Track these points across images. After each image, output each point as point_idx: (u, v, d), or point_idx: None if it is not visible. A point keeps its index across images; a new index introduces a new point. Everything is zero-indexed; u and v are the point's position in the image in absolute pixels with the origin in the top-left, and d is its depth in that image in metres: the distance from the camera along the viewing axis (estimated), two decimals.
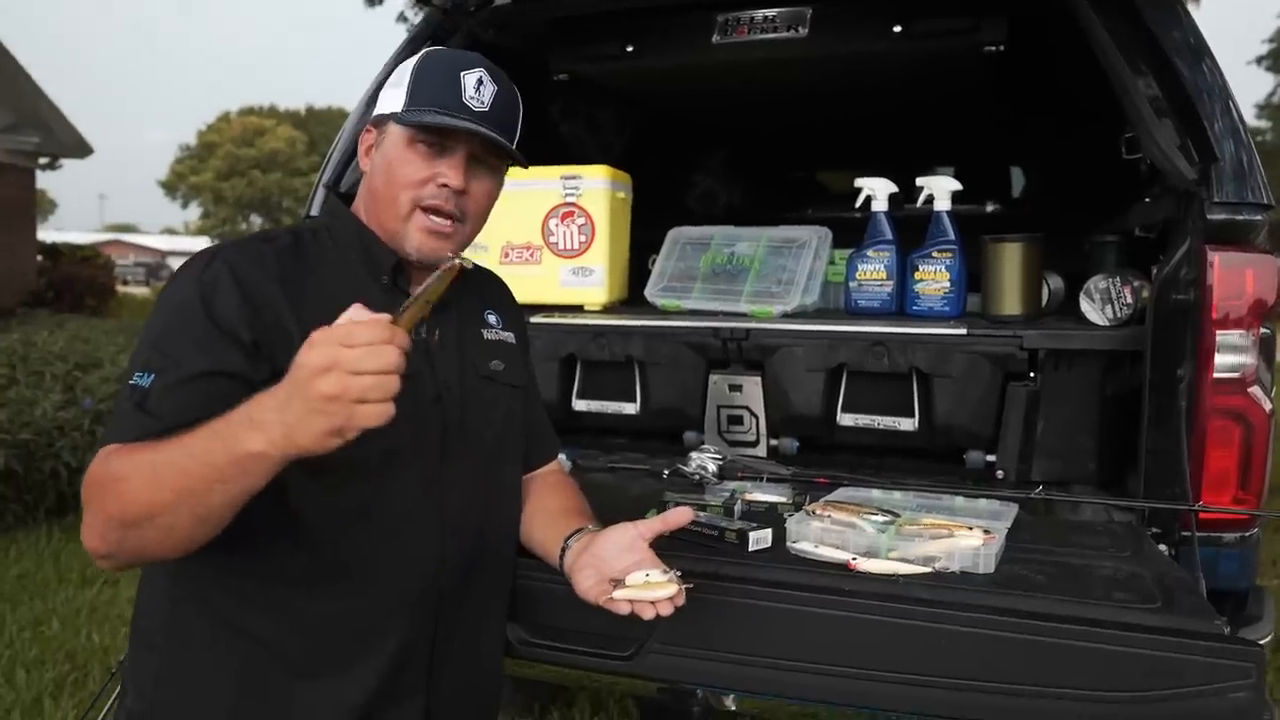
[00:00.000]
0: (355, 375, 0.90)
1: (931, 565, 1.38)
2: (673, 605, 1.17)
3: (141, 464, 0.99)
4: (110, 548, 1.03)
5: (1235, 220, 1.64)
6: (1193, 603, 1.30)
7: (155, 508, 0.98)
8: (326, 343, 0.91)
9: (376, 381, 0.90)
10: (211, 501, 0.98)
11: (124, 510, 1.00)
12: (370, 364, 0.90)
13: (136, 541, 1.02)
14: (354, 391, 0.90)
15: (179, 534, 1.01)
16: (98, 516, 1.03)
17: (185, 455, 0.97)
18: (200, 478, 0.96)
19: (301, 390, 0.91)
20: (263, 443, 0.93)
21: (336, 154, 2.26)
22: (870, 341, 2.08)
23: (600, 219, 2.35)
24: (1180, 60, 1.72)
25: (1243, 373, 1.65)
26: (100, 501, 1.02)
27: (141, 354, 1.11)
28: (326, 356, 0.90)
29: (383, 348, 0.91)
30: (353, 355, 0.90)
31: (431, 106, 1.23)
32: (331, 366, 0.90)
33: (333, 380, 0.89)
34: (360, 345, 0.90)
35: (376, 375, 0.90)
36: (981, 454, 2.08)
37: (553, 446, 1.57)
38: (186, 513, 0.98)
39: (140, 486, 0.99)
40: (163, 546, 1.02)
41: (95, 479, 1.04)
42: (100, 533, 1.03)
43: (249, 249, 1.21)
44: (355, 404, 0.90)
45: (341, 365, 0.89)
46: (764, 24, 2.31)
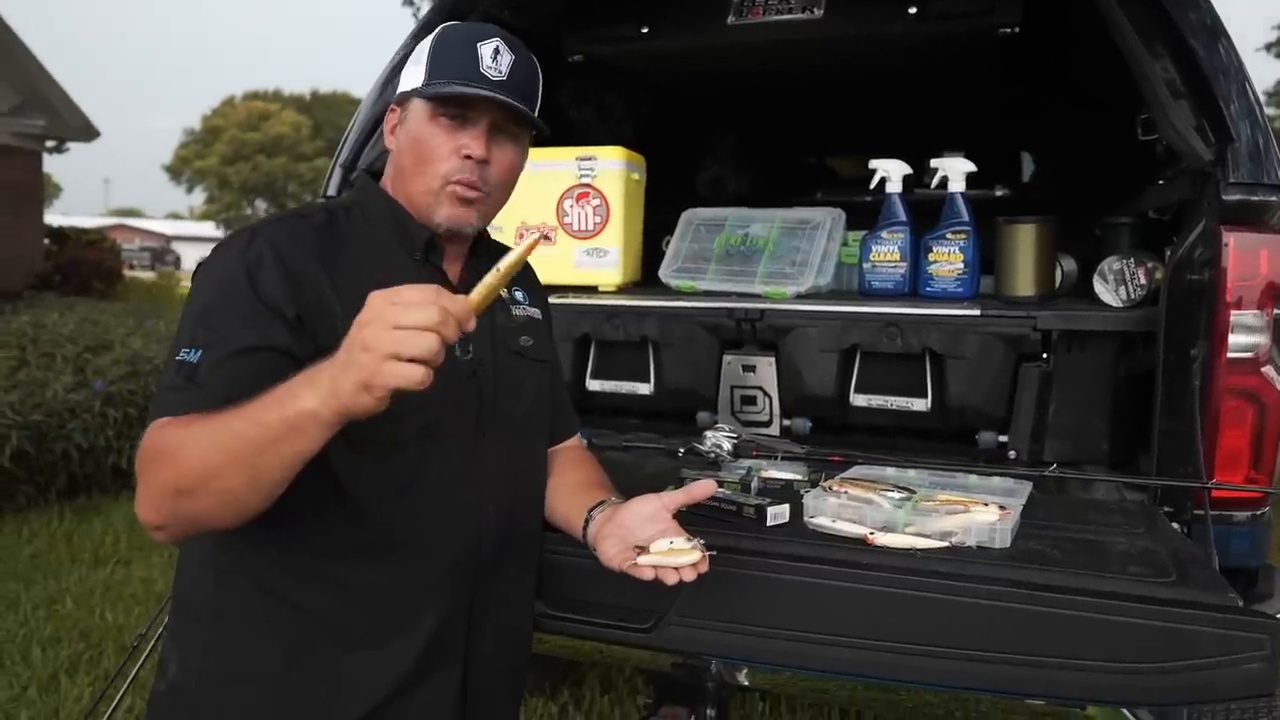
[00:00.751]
0: (393, 330, 0.90)
1: (948, 540, 1.39)
2: (696, 572, 1.18)
3: (196, 433, 1.01)
4: (164, 518, 1.04)
5: (1250, 201, 1.65)
6: (1207, 576, 1.31)
7: (209, 472, 0.99)
8: (376, 300, 0.93)
9: (409, 337, 0.90)
10: (266, 464, 0.98)
11: (179, 477, 1.01)
12: (407, 320, 0.90)
13: (190, 510, 1.03)
14: (385, 345, 0.90)
15: (233, 500, 1.02)
16: (150, 487, 1.04)
17: (240, 420, 0.98)
18: (255, 439, 0.97)
19: (349, 344, 0.93)
20: (314, 400, 0.94)
21: (353, 135, 2.27)
22: (884, 322, 2.09)
23: (615, 200, 2.36)
24: (1197, 41, 1.72)
25: (1256, 353, 1.66)
26: (153, 472, 1.03)
27: (187, 330, 1.13)
28: (374, 311, 0.92)
29: (425, 306, 0.91)
30: (392, 311, 0.91)
31: (450, 79, 1.24)
32: (372, 320, 0.91)
33: (369, 332, 0.91)
34: (403, 302, 0.91)
35: (411, 331, 0.90)
36: (994, 434, 2.10)
37: (574, 421, 1.60)
38: (241, 476, 0.99)
39: (195, 453, 1.00)
40: (217, 515, 1.03)
41: (147, 451, 1.05)
42: (155, 504, 1.04)
43: (289, 226, 1.23)
44: (386, 359, 0.90)
45: (380, 319, 0.91)
46: (779, 5, 2.32)
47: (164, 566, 4.13)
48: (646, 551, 1.20)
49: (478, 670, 1.31)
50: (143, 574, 4.06)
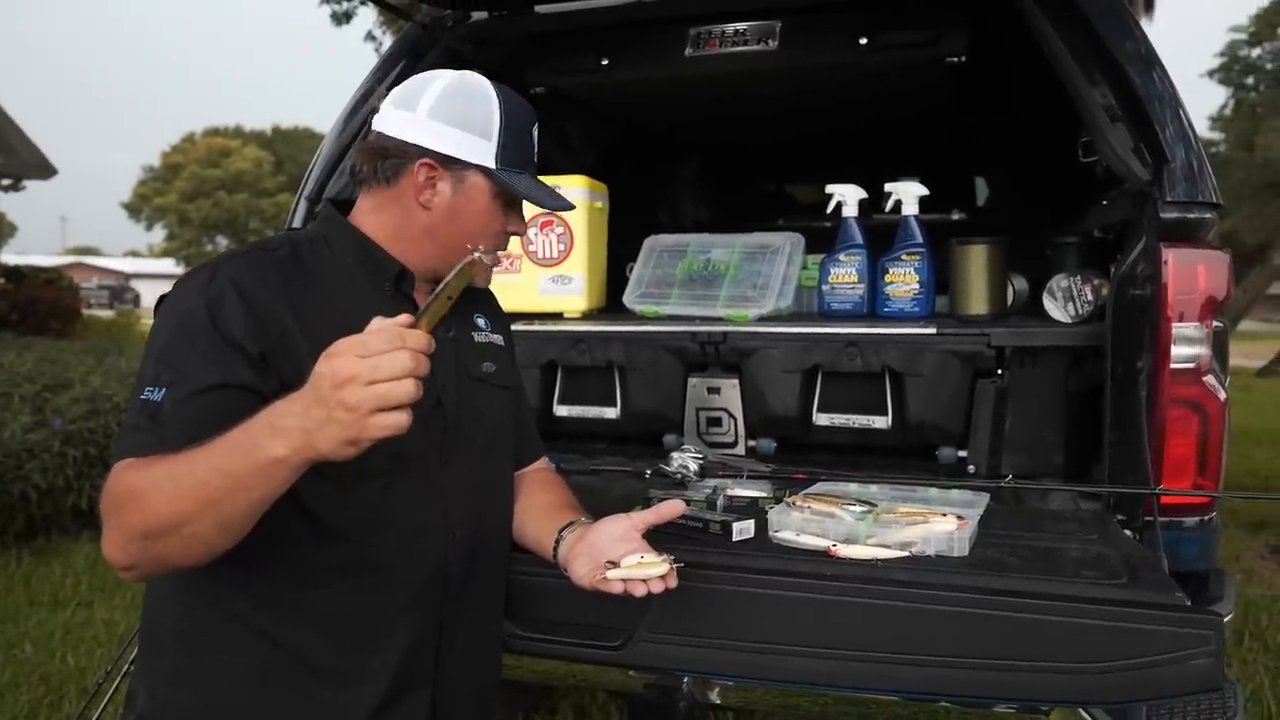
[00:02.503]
0: (369, 386, 0.92)
1: (909, 550, 1.43)
2: (664, 584, 1.21)
3: (161, 477, 1.02)
4: (133, 559, 1.05)
5: (1187, 218, 1.72)
6: (1156, 578, 1.36)
7: (178, 518, 1.00)
8: (344, 354, 0.93)
9: (389, 389, 0.92)
10: (234, 509, 1.00)
11: (146, 523, 1.02)
12: (383, 373, 0.92)
13: (160, 552, 1.04)
14: (368, 402, 0.92)
15: (202, 543, 1.03)
16: (119, 530, 1.05)
17: (205, 466, 0.99)
18: (222, 487, 0.98)
19: (320, 400, 0.93)
20: (284, 449, 0.95)
21: (318, 168, 2.29)
22: (844, 342, 2.14)
23: (579, 228, 2.41)
24: (1132, 68, 1.81)
25: (1198, 363, 1.73)
26: (121, 515, 1.04)
27: (150, 368, 1.14)
28: (343, 367, 0.93)
29: (395, 354, 0.93)
30: (367, 365, 0.92)
31: (518, 168, 1.33)
32: (348, 379, 0.92)
33: (348, 392, 0.92)
34: (373, 354, 0.93)
35: (390, 383, 0.92)
36: (953, 449, 2.15)
37: (539, 445, 1.62)
38: (210, 521, 1.01)
39: (162, 499, 1.01)
40: (186, 555, 1.04)
41: (113, 493, 1.06)
42: (122, 545, 1.05)
43: (251, 260, 1.24)
44: (371, 414, 0.92)
45: (357, 377, 0.92)
46: (735, 37, 2.39)
47: (126, 608, 4.05)
48: (616, 566, 1.22)
49: (447, 692, 1.32)
50: (105, 616, 3.98)
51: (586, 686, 2.81)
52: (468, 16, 2.43)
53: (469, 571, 1.34)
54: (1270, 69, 21.38)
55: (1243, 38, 21.17)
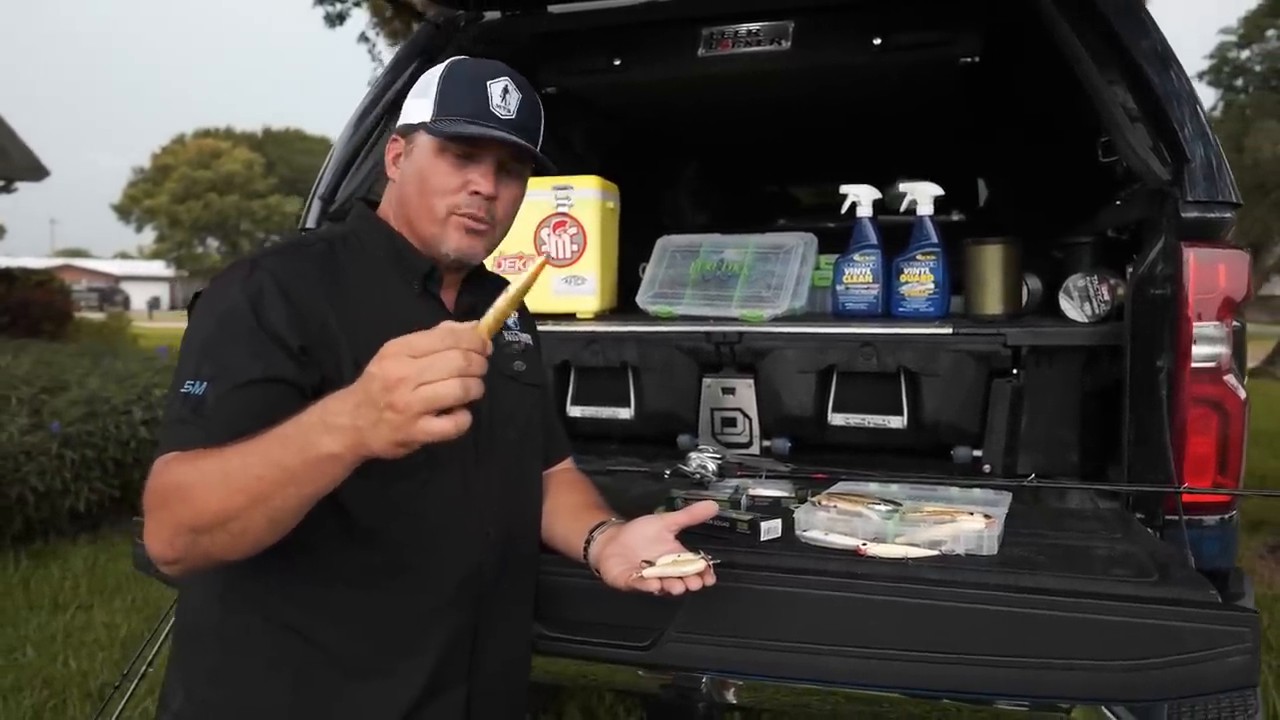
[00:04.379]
0: (420, 388, 0.91)
1: (938, 549, 1.43)
2: (702, 581, 1.21)
3: (209, 471, 1.01)
4: (179, 553, 1.05)
5: (1207, 218, 1.73)
6: (1187, 575, 1.37)
7: (228, 513, 1.00)
8: (395, 354, 0.92)
9: (436, 391, 0.91)
10: (285, 504, 1.00)
11: (196, 517, 1.01)
12: (433, 374, 0.91)
13: (207, 546, 1.03)
14: (416, 405, 0.91)
15: (250, 537, 1.02)
16: (165, 524, 1.04)
17: (256, 460, 0.98)
18: (273, 481, 0.98)
19: (371, 400, 0.93)
20: (337, 445, 0.95)
21: (331, 167, 2.29)
22: (860, 342, 2.14)
23: (592, 228, 2.40)
24: (1150, 67, 1.81)
25: (1218, 362, 1.73)
26: (168, 509, 1.04)
27: (190, 363, 1.13)
28: (394, 369, 0.92)
29: (446, 355, 0.91)
30: (416, 367, 0.91)
31: (460, 115, 1.26)
32: (398, 381, 0.91)
33: (397, 394, 0.91)
34: (423, 354, 0.91)
35: (438, 384, 0.91)
36: (968, 449, 2.15)
37: (566, 444, 1.62)
38: (260, 516, 1.00)
39: (211, 493, 1.00)
40: (233, 549, 1.04)
41: (160, 487, 1.05)
42: (168, 539, 1.04)
43: (288, 256, 1.24)
44: (419, 416, 0.91)
45: (406, 380, 0.91)
46: (748, 38, 2.39)
47: (127, 611, 4.04)
48: (652, 565, 1.22)
49: (481, 692, 1.32)
50: (105, 619, 3.96)
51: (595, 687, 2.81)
52: (480, 16, 2.43)
53: (501, 571, 1.34)
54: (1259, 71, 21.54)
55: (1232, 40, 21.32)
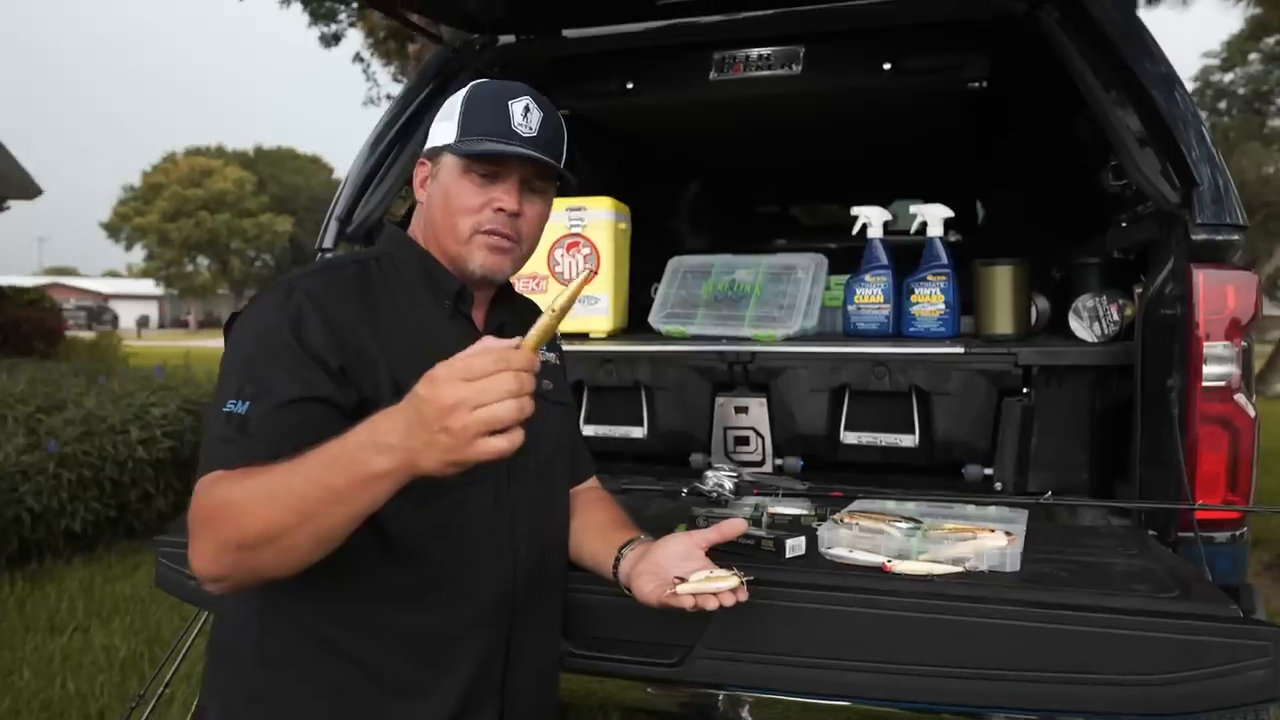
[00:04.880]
0: (474, 411, 0.92)
1: (962, 565, 1.45)
2: (735, 597, 1.23)
3: (256, 489, 1.02)
4: (225, 570, 1.06)
5: (1216, 240, 1.77)
6: (1207, 590, 1.39)
7: (276, 530, 1.01)
8: (447, 378, 0.94)
9: (494, 413, 0.92)
10: (333, 521, 1.01)
11: (243, 534, 1.03)
12: (489, 396, 0.92)
13: (253, 563, 1.05)
14: (474, 428, 0.92)
15: (297, 554, 1.04)
16: (211, 542, 1.05)
17: (304, 480, 1.00)
18: (321, 500, 0.99)
19: (425, 423, 0.94)
20: (388, 464, 0.97)
21: (347, 189, 2.31)
22: (872, 362, 2.17)
23: (605, 249, 2.43)
24: (1157, 91, 1.86)
25: (1228, 381, 1.76)
26: (214, 527, 1.05)
27: (232, 382, 1.15)
28: (448, 393, 0.93)
29: (500, 377, 0.93)
30: (473, 390, 0.92)
31: (483, 135, 1.29)
32: (454, 405, 0.92)
33: (453, 418, 0.92)
34: (477, 378, 0.93)
35: (495, 405, 0.92)
36: (979, 467, 2.18)
37: (591, 463, 1.64)
38: (307, 534, 1.01)
39: (258, 510, 1.02)
40: (279, 567, 1.05)
41: (205, 505, 1.07)
42: (214, 557, 1.05)
43: (325, 278, 1.26)
44: (475, 438, 0.93)
45: (463, 403, 0.92)
46: (759, 62, 2.43)
47: (125, 633, 4.00)
48: (685, 582, 1.24)
49: (514, 708, 1.33)
50: (104, 641, 3.93)
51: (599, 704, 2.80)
52: (495, 40, 2.47)
53: (532, 588, 1.35)
54: (1243, 94, 21.84)
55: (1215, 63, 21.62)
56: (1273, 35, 18.18)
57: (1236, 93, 21.98)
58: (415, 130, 2.30)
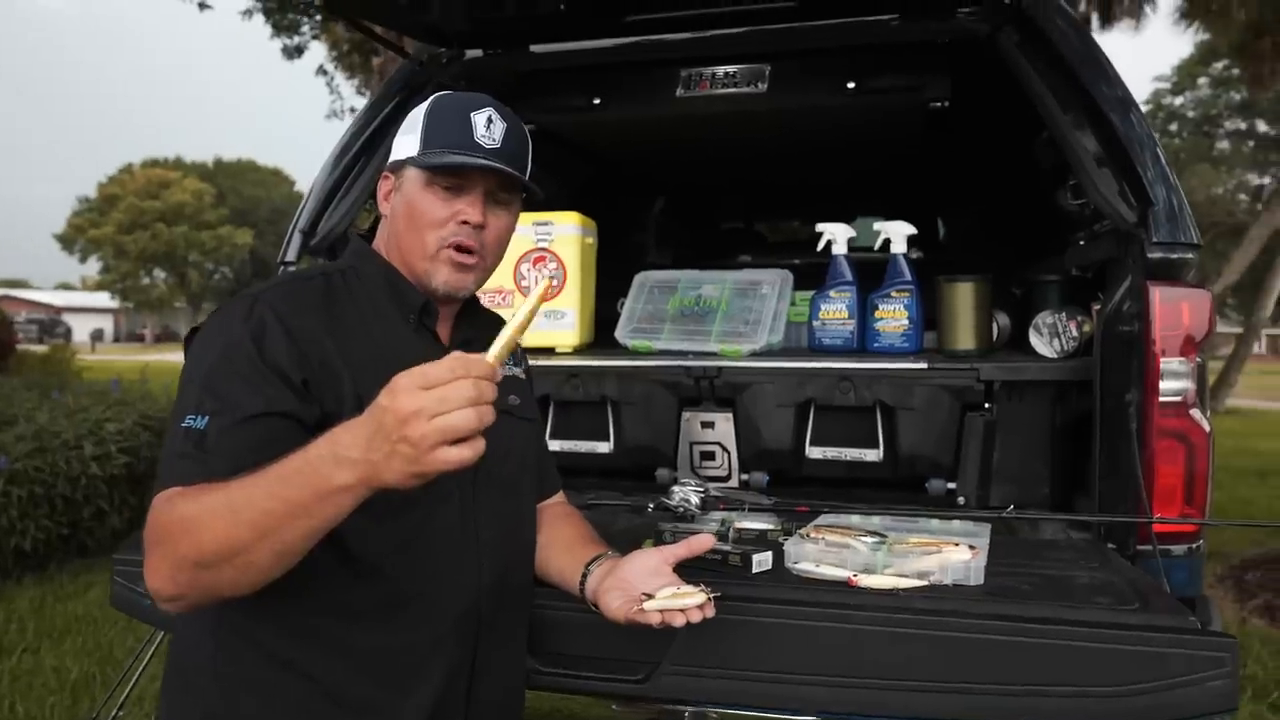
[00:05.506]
0: (432, 420, 0.91)
1: (927, 579, 1.46)
2: (702, 614, 1.22)
3: (214, 505, 1.01)
4: (181, 589, 1.04)
5: (1171, 258, 1.81)
6: (1166, 602, 1.41)
7: (234, 547, 0.99)
8: (407, 388, 0.93)
9: (452, 422, 0.91)
10: (294, 536, 1.00)
11: (201, 551, 1.01)
12: (447, 404, 0.92)
13: (211, 581, 1.03)
14: (432, 437, 0.92)
15: (256, 570, 1.02)
16: (167, 559, 1.03)
17: (263, 494, 0.98)
18: (281, 515, 0.98)
19: (384, 434, 0.93)
20: (350, 477, 0.95)
21: (311, 202, 2.29)
22: (838, 376, 2.19)
23: (572, 264, 2.42)
24: (1114, 113, 1.90)
25: (1184, 396, 1.80)
26: (170, 544, 1.03)
27: (192, 396, 1.13)
28: (407, 402, 0.92)
29: (458, 385, 0.92)
30: (431, 399, 0.91)
31: (445, 148, 1.28)
32: (412, 414, 0.91)
33: (412, 427, 0.92)
34: (436, 385, 0.92)
35: (454, 413, 0.92)
36: (943, 481, 2.20)
37: (557, 478, 1.62)
38: (266, 549, 1.00)
39: (216, 527, 1.00)
40: (237, 584, 1.03)
41: (161, 522, 1.04)
42: (170, 575, 1.03)
43: (288, 290, 1.25)
44: (435, 447, 0.92)
45: (421, 411, 0.91)
46: (725, 79, 2.45)
47: (77, 654, 3.91)
48: (652, 598, 1.23)
49: None
50: (54, 662, 3.83)
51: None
52: (462, 54, 2.46)
53: (498, 605, 1.33)
54: (1192, 117, 22.46)
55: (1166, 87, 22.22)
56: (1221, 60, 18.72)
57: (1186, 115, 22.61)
58: (380, 144, 2.29)
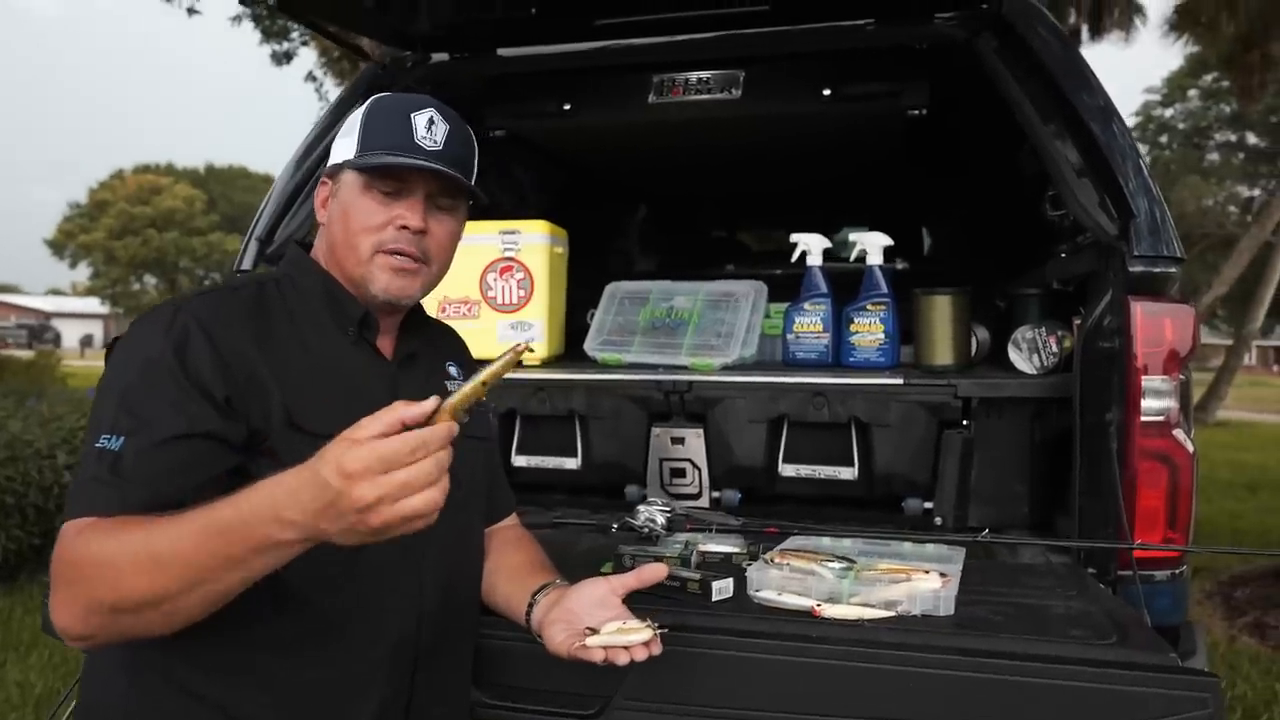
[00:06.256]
0: (399, 503, 0.87)
1: (894, 609, 1.39)
2: (648, 651, 1.15)
3: (134, 549, 0.94)
4: (92, 631, 0.97)
5: (1153, 272, 1.74)
6: (1146, 637, 1.34)
7: (158, 596, 0.93)
8: (364, 475, 0.86)
9: (416, 506, 0.87)
10: (227, 586, 0.94)
11: (119, 598, 0.94)
12: (410, 488, 0.87)
13: (127, 625, 0.96)
14: (395, 521, 0.88)
15: (181, 616, 0.96)
16: (79, 601, 0.96)
17: (191, 546, 0.92)
18: (212, 568, 0.92)
19: (340, 514, 0.87)
20: (293, 535, 0.90)
21: (269, 208, 2.22)
22: (811, 392, 2.12)
23: (539, 273, 2.35)
24: (1094, 123, 1.84)
25: (1167, 416, 1.73)
26: (84, 586, 0.96)
27: (107, 414, 1.05)
28: (366, 491, 0.86)
29: (419, 466, 0.87)
30: (394, 486, 0.86)
31: (383, 150, 1.21)
32: (375, 501, 0.86)
33: (376, 515, 0.87)
34: (395, 468, 0.86)
35: (419, 495, 0.87)
36: (919, 501, 2.13)
37: (510, 500, 1.55)
38: (195, 598, 0.94)
39: (140, 576, 0.93)
40: (158, 628, 0.97)
41: (73, 560, 0.97)
42: (82, 617, 0.97)
43: (215, 300, 1.17)
44: (400, 524, 0.88)
45: (383, 499, 0.86)
46: (699, 85, 2.38)
47: (43, 668, 3.82)
48: (596, 633, 1.16)
49: None
50: (18, 677, 3.74)
51: None
52: (428, 58, 2.39)
53: (440, 634, 1.26)
54: (1183, 129, 22.53)
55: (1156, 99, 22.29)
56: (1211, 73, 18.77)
57: (1177, 127, 22.68)
58: None
